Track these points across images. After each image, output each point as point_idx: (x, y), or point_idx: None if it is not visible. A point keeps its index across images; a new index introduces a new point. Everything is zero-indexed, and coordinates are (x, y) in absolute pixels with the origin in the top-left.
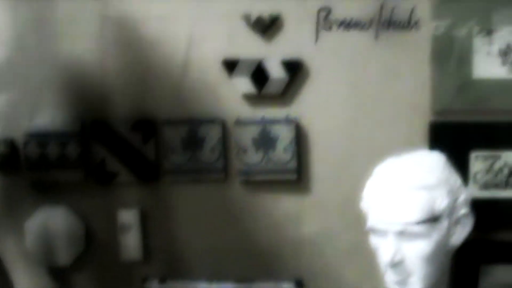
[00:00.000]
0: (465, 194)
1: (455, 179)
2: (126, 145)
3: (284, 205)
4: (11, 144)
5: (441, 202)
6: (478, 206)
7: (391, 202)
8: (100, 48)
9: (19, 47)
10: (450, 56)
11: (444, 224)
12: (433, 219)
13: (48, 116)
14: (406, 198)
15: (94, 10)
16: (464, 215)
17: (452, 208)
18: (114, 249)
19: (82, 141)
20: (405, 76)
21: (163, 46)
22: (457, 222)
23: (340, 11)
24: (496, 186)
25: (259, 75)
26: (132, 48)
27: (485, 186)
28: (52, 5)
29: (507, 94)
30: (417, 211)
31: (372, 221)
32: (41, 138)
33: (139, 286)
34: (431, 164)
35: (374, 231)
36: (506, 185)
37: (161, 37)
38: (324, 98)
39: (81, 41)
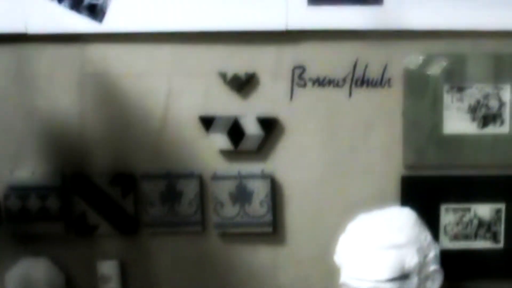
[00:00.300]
0: (435, 251)
1: (425, 236)
2: (106, 199)
3: (260, 256)
4: None
5: (411, 260)
6: (448, 257)
7: (362, 260)
8: (79, 103)
9: None
10: (421, 113)
11: (414, 280)
12: (403, 277)
13: (28, 169)
14: (377, 257)
15: (73, 66)
16: (434, 271)
17: (422, 265)
18: None
19: (63, 195)
20: (377, 132)
21: (141, 101)
22: (427, 278)
23: (315, 69)
24: (466, 237)
25: (235, 131)
26: (111, 104)
27: (456, 237)
28: (32, 61)
29: (476, 149)
30: (387, 270)
31: (344, 277)
32: (21, 191)
33: None
34: (401, 223)
35: (346, 286)
36: (475, 236)
37: (139, 93)
38: (299, 154)
39: (61, 96)
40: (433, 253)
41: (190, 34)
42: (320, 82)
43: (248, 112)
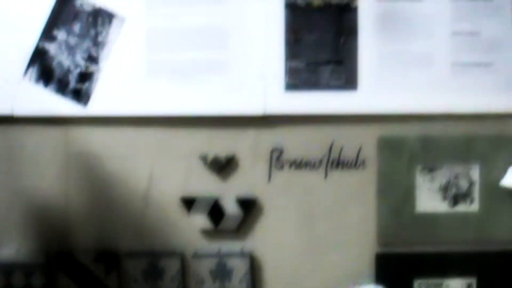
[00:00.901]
0: None
1: None
2: (90, 276)
3: None
4: None
5: None
6: None
7: None
8: (64, 183)
9: None
10: (394, 192)
11: None
12: None
13: (13, 247)
14: None
15: (58, 147)
16: None
17: None
18: None
19: (47, 272)
20: (352, 211)
21: (124, 182)
22: None
23: (292, 152)
24: None
25: (215, 211)
26: (95, 184)
27: None
28: (18, 142)
29: (447, 227)
30: None
31: None
32: (6, 268)
33: None
34: None
35: None
36: None
37: (122, 174)
38: (276, 232)
39: (46, 176)
40: None
41: (172, 118)
42: (297, 164)
43: (228, 193)
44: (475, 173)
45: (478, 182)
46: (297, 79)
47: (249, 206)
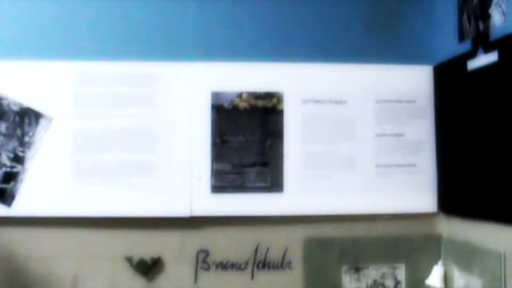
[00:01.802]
0: None
1: None
2: None
3: None
4: None
5: None
6: None
7: None
8: None
9: None
10: None
11: None
12: None
13: None
14: None
15: None
16: None
17: None
18: None
19: None
20: None
21: (48, 284)
22: None
23: (218, 253)
24: None
25: None
26: (18, 286)
27: None
28: None
29: None
30: None
31: None
32: None
33: None
34: None
35: None
36: None
37: (46, 276)
38: None
39: None
40: None
41: (97, 219)
42: (223, 266)
43: None
44: (401, 272)
45: (404, 281)
46: (223, 181)
47: None
